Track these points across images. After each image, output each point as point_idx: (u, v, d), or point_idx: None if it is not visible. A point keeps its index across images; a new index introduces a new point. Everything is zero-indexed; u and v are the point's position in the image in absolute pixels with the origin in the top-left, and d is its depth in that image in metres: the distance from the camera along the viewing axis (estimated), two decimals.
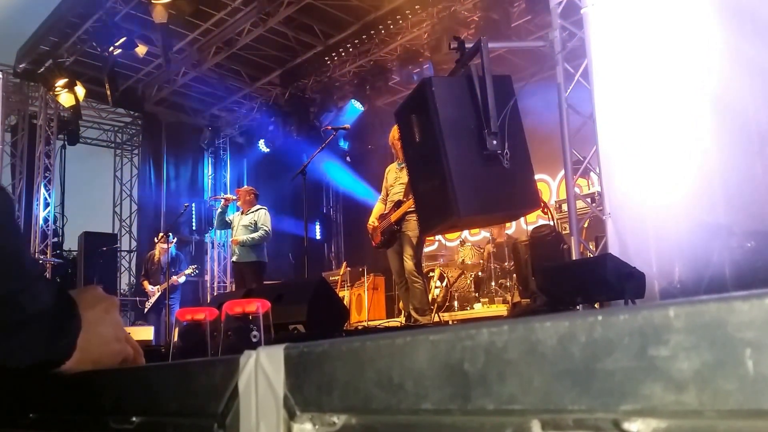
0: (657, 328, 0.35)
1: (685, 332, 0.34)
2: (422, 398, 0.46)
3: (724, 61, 4.23)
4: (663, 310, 0.35)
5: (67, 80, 10.16)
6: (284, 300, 5.00)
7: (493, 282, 8.73)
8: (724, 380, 0.32)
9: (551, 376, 0.39)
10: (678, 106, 4.49)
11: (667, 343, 0.34)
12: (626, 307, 0.37)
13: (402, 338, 0.47)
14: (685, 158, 4.42)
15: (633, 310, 0.36)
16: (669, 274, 4.36)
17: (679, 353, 0.34)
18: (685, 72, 4.45)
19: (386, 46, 10.56)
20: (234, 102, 12.82)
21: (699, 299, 0.34)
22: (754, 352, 0.32)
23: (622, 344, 0.36)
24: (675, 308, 0.34)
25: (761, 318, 0.32)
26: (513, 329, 0.41)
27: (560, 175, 9.92)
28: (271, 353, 0.57)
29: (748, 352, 0.32)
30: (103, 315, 0.90)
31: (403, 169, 6.44)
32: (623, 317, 0.36)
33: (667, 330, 0.34)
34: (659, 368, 0.34)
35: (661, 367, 0.34)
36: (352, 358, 0.51)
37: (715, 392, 0.33)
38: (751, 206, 4.11)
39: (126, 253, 14.53)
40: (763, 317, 0.32)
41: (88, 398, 0.80)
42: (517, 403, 0.40)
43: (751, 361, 0.32)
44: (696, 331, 0.33)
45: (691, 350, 0.34)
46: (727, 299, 0.33)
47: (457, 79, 4.17)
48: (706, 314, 0.33)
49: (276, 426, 0.55)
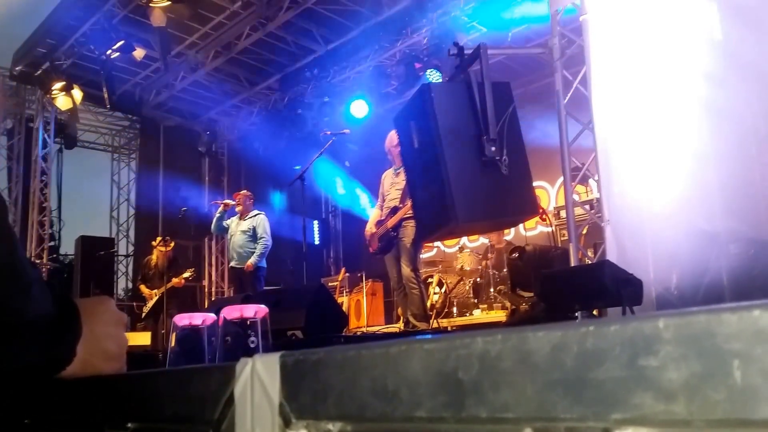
0: (647, 339, 0.35)
1: (675, 343, 0.34)
2: (416, 406, 0.46)
3: (722, 68, 4.24)
4: (653, 321, 0.35)
5: (64, 83, 10.15)
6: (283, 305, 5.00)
7: (491, 288, 8.73)
8: (713, 390, 0.33)
9: (544, 385, 0.39)
10: (676, 113, 4.50)
11: (657, 353, 0.35)
12: (617, 318, 0.37)
13: (396, 347, 0.48)
14: (683, 165, 4.42)
15: (624, 320, 0.36)
16: (666, 281, 4.36)
17: (669, 363, 0.34)
18: (683, 79, 4.46)
19: (386, 52, 10.59)
20: (232, 106, 12.82)
21: (688, 310, 0.34)
22: (742, 363, 0.32)
23: (613, 354, 0.36)
24: (665, 319, 0.35)
25: (749, 330, 0.32)
26: (506, 338, 0.42)
27: (559, 181, 9.93)
28: (267, 361, 0.58)
29: (736, 363, 0.32)
30: (112, 330, 0.89)
31: (399, 174, 6.44)
32: (614, 328, 0.37)
33: (657, 340, 0.35)
34: (649, 378, 0.35)
35: (651, 377, 0.35)
36: (347, 366, 0.51)
37: (703, 402, 0.33)
38: (749, 214, 4.12)
39: (123, 258, 14.51)
40: (751, 329, 0.32)
41: (84, 404, 0.80)
42: (510, 411, 0.41)
43: (739, 371, 0.32)
44: (685, 341, 0.34)
45: (680, 361, 0.34)
46: (716, 311, 0.33)
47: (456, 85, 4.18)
48: (695, 325, 0.34)
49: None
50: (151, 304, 9.30)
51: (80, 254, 11.57)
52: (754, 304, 0.32)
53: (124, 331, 0.93)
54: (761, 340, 0.32)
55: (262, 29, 9.94)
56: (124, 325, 0.93)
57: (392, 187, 6.58)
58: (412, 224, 6.18)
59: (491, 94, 3.88)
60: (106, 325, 0.88)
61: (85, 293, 10.61)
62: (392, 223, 6.31)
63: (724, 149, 4.21)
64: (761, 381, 0.32)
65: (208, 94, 12.22)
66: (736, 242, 4.03)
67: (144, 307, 9.48)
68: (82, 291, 10.82)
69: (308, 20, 9.97)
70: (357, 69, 11.04)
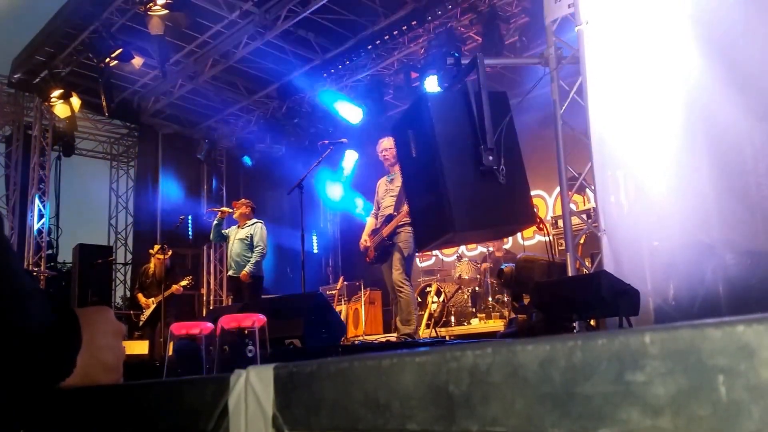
0: (633, 354, 0.36)
1: (661, 358, 0.35)
2: (408, 419, 0.46)
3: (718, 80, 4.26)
4: (639, 336, 0.35)
5: (62, 91, 10.15)
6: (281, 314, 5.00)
7: (490, 297, 8.74)
8: (698, 406, 0.33)
9: (533, 399, 0.40)
10: (672, 124, 4.52)
11: (643, 368, 0.35)
12: (604, 332, 0.38)
13: (389, 359, 0.48)
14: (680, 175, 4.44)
15: (610, 335, 0.37)
16: (663, 292, 4.36)
17: (655, 379, 0.35)
18: (678, 90, 4.48)
19: (383, 61, 10.64)
20: (231, 114, 12.84)
21: (674, 325, 0.35)
22: (727, 378, 0.33)
23: (600, 369, 0.37)
24: (651, 334, 0.35)
25: (733, 345, 0.32)
26: (496, 352, 0.42)
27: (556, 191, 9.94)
28: (261, 372, 0.58)
29: (720, 379, 0.33)
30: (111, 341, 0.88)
31: (394, 181, 6.44)
32: (601, 342, 0.37)
33: (643, 356, 0.35)
34: (636, 393, 0.35)
35: (638, 392, 0.35)
36: (339, 378, 0.51)
37: (689, 417, 0.34)
38: (745, 224, 4.13)
39: (121, 266, 14.50)
40: (735, 345, 0.32)
41: (79, 414, 0.80)
42: (500, 425, 0.41)
43: (724, 387, 0.33)
44: (671, 357, 0.34)
45: (666, 376, 0.34)
46: (700, 326, 0.34)
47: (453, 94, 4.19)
48: (680, 341, 0.34)
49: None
50: (148, 312, 9.27)
51: (78, 262, 11.55)
52: (737, 319, 0.33)
53: (122, 341, 0.93)
54: (745, 355, 0.32)
55: (260, 38, 9.97)
56: (122, 335, 0.93)
57: (386, 194, 6.59)
58: (407, 230, 6.20)
59: (488, 103, 3.88)
60: (104, 336, 0.87)
61: (83, 301, 10.59)
62: (387, 232, 6.31)
63: (721, 160, 4.22)
64: (746, 396, 0.32)
65: (207, 103, 12.24)
66: (732, 253, 4.03)
67: (141, 315, 9.45)
68: (79, 299, 10.80)
69: (306, 29, 10.00)
70: (355, 78, 11.08)
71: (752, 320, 0.32)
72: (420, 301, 9.56)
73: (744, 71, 4.18)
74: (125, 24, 9.54)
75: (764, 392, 0.32)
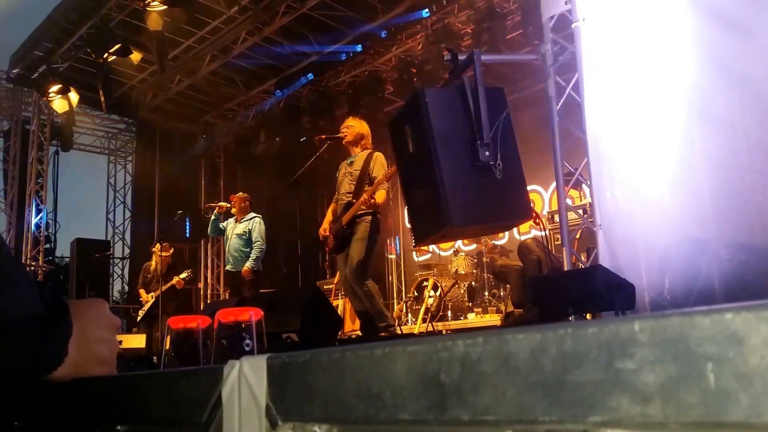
0: (623, 342, 0.36)
1: (650, 346, 0.35)
2: (400, 409, 0.46)
3: (715, 75, 4.26)
4: (628, 324, 0.36)
5: (60, 86, 10.14)
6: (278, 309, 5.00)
7: (486, 292, 8.75)
8: (687, 393, 0.33)
9: (524, 388, 0.40)
10: (668, 120, 4.52)
11: (633, 356, 0.35)
12: (594, 320, 0.38)
13: (381, 349, 0.48)
14: (675, 171, 4.44)
15: (600, 323, 0.37)
16: (659, 286, 4.37)
17: (644, 366, 0.35)
18: (675, 86, 4.48)
19: (381, 57, 10.63)
20: (228, 109, 12.83)
21: (663, 313, 0.35)
22: (715, 366, 0.33)
23: (591, 357, 0.37)
24: (640, 322, 0.35)
25: (721, 333, 0.33)
26: (487, 341, 0.42)
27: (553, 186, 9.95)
28: (254, 363, 0.58)
29: (709, 366, 0.33)
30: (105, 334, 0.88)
31: (353, 164, 6.09)
32: (591, 330, 0.37)
33: (632, 343, 0.35)
34: (626, 381, 0.36)
35: (628, 380, 0.35)
36: (332, 368, 0.51)
37: (678, 405, 0.34)
38: (741, 219, 4.14)
39: (119, 260, 14.49)
40: (724, 333, 0.33)
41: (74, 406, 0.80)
42: (491, 414, 0.41)
43: (713, 374, 0.33)
44: (660, 344, 0.35)
45: (655, 363, 0.35)
46: (689, 314, 0.34)
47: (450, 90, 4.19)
48: (669, 329, 0.34)
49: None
50: (147, 307, 9.29)
51: (76, 256, 11.54)
52: (726, 307, 0.33)
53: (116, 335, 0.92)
54: (733, 343, 0.32)
55: (258, 34, 9.95)
56: (116, 329, 0.92)
57: (345, 178, 6.09)
58: (367, 220, 5.80)
59: (485, 99, 3.88)
60: (98, 328, 0.87)
61: (81, 296, 10.59)
62: (346, 220, 5.87)
63: (716, 156, 4.22)
64: (734, 384, 0.32)
65: (205, 98, 12.22)
66: (727, 248, 4.04)
67: (140, 310, 9.46)
68: (77, 293, 10.80)
69: (304, 25, 9.99)
70: (352, 73, 11.07)
71: (741, 308, 0.32)
72: (417, 295, 9.57)
73: (740, 68, 4.18)
74: (124, 19, 9.52)
75: (752, 380, 0.32)
